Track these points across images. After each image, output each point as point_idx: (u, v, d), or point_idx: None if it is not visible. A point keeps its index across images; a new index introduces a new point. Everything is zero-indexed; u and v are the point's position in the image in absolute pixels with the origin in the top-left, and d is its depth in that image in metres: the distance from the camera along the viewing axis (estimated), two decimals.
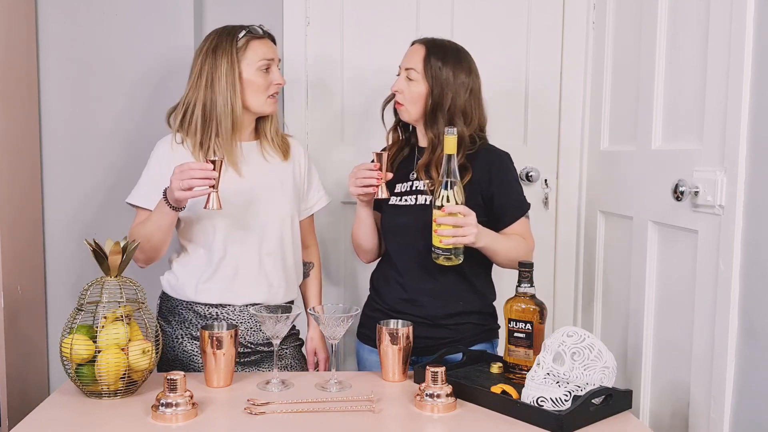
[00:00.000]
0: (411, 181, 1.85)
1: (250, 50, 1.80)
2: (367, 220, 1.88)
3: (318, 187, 2.01)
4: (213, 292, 1.81)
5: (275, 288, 1.85)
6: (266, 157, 1.88)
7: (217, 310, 1.82)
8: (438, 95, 1.79)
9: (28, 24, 2.18)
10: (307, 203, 1.99)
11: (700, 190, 1.62)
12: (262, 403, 1.48)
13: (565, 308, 2.44)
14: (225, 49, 1.78)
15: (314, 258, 2.05)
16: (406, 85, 1.81)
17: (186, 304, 1.84)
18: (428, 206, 1.78)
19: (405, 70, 1.82)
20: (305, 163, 1.97)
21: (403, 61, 1.85)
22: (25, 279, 2.13)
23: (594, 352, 1.44)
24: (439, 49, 1.81)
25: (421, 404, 1.48)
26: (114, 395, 1.53)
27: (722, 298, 1.56)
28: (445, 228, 1.64)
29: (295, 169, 1.93)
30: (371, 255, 1.96)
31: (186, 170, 1.60)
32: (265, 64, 1.81)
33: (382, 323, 1.68)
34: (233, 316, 1.82)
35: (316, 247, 2.06)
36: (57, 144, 2.27)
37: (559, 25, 2.38)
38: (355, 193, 1.79)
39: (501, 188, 1.82)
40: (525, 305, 1.63)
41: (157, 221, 1.72)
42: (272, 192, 1.86)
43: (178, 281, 1.84)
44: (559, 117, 2.40)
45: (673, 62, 1.81)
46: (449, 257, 1.67)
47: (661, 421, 1.84)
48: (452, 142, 1.66)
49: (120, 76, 2.25)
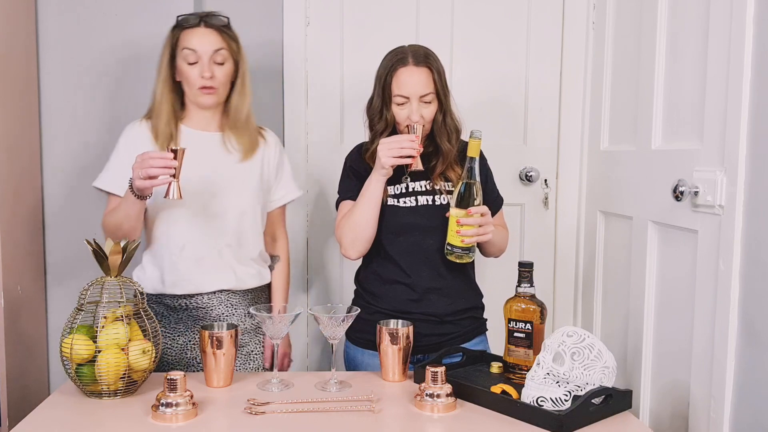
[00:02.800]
0: (405, 183, 1.84)
1: (181, 40, 1.80)
2: (380, 197, 1.80)
3: (288, 179, 1.98)
4: (178, 283, 1.82)
5: (240, 275, 1.86)
6: (228, 148, 1.86)
7: (185, 300, 1.83)
8: (446, 103, 1.82)
9: (28, 24, 2.18)
10: (274, 195, 1.96)
11: (700, 190, 1.62)
12: (262, 403, 1.48)
13: (565, 308, 2.44)
14: (167, 37, 1.82)
15: (282, 251, 2.02)
16: (424, 111, 1.79)
17: (155, 298, 1.85)
18: (432, 206, 1.82)
19: (420, 98, 1.77)
20: (276, 156, 1.95)
21: (407, 90, 1.76)
22: (25, 279, 2.13)
23: (594, 352, 1.44)
24: (433, 62, 1.80)
25: (421, 404, 1.48)
26: (114, 395, 1.53)
27: (722, 298, 1.56)
28: (468, 228, 1.69)
29: (264, 162, 1.91)
30: (369, 244, 1.87)
31: (146, 159, 1.61)
32: (189, 55, 1.77)
33: (382, 323, 1.68)
34: (202, 304, 1.83)
35: (284, 240, 2.04)
36: (57, 144, 2.26)
37: (559, 25, 2.38)
38: (390, 163, 1.72)
39: (487, 183, 1.88)
40: (525, 305, 1.63)
41: (125, 210, 1.73)
42: (230, 184, 1.84)
43: (145, 274, 1.86)
44: (559, 117, 2.40)
45: (673, 62, 1.81)
46: (467, 255, 1.74)
47: (661, 421, 1.84)
48: (478, 145, 1.71)
49: (120, 76, 2.25)
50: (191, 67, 1.78)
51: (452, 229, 1.72)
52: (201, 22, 1.79)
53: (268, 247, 1.99)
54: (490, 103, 2.38)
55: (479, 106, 2.35)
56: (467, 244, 1.71)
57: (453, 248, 1.73)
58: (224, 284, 1.84)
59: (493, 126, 2.35)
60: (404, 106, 1.78)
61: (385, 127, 1.82)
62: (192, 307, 1.84)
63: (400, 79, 1.77)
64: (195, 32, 1.78)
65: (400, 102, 1.78)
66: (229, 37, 1.82)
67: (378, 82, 1.82)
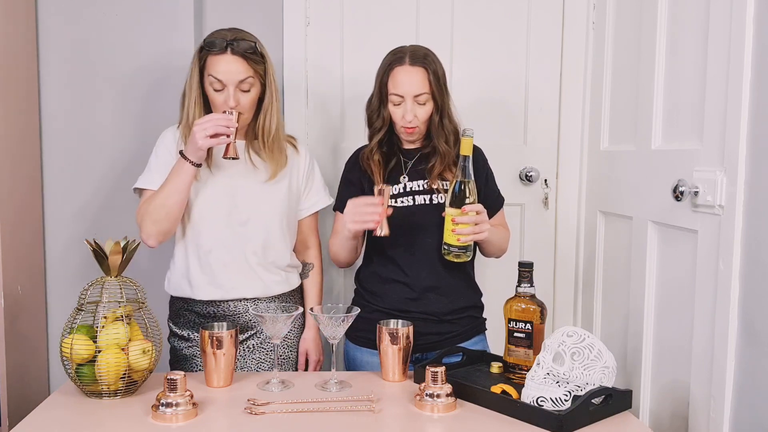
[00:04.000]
0: (402, 183, 1.85)
1: (208, 64, 1.77)
2: (354, 245, 1.86)
3: (319, 188, 2.00)
4: (204, 287, 1.84)
5: (267, 282, 1.89)
6: (253, 162, 1.86)
7: (213, 308, 1.86)
8: (442, 105, 1.82)
9: (28, 24, 2.18)
10: (305, 203, 1.98)
11: (700, 190, 1.62)
12: (263, 403, 1.48)
13: (565, 308, 2.44)
14: (195, 57, 1.81)
15: (314, 259, 2.04)
16: (418, 111, 1.80)
17: (186, 305, 1.88)
18: (429, 205, 1.83)
19: (414, 98, 1.78)
20: (306, 165, 1.96)
21: (402, 89, 1.78)
22: (25, 279, 2.13)
23: (594, 352, 1.44)
24: (430, 63, 1.80)
25: (421, 404, 1.48)
26: (114, 395, 1.53)
27: (722, 298, 1.56)
28: (463, 227, 1.69)
29: (293, 172, 1.93)
30: (350, 264, 1.95)
31: (211, 119, 1.70)
32: (215, 83, 1.76)
33: (382, 323, 1.68)
34: (230, 311, 1.86)
35: (317, 248, 2.05)
36: (57, 144, 2.26)
37: (559, 25, 2.38)
38: (354, 230, 1.73)
39: (487, 183, 1.90)
40: (525, 305, 1.63)
41: (174, 183, 1.74)
42: (256, 195, 1.86)
43: (173, 275, 1.90)
44: (559, 117, 2.40)
45: (673, 62, 1.81)
46: (464, 254, 1.73)
47: (661, 421, 1.84)
48: (470, 143, 1.71)
49: (120, 76, 2.25)
50: (217, 93, 1.78)
51: (448, 228, 1.72)
52: (227, 48, 1.75)
53: (300, 255, 2.01)
54: (490, 103, 2.38)
55: (479, 106, 2.35)
56: (463, 243, 1.71)
57: (450, 247, 1.73)
58: (250, 292, 1.87)
59: (493, 126, 2.35)
60: (400, 106, 1.80)
61: (382, 125, 1.84)
62: (221, 314, 1.86)
63: (396, 79, 1.78)
64: (221, 60, 1.75)
65: (396, 101, 1.80)
66: (255, 62, 1.78)
67: (377, 81, 1.85)
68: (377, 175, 1.84)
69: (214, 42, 1.76)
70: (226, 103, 1.76)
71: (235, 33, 1.79)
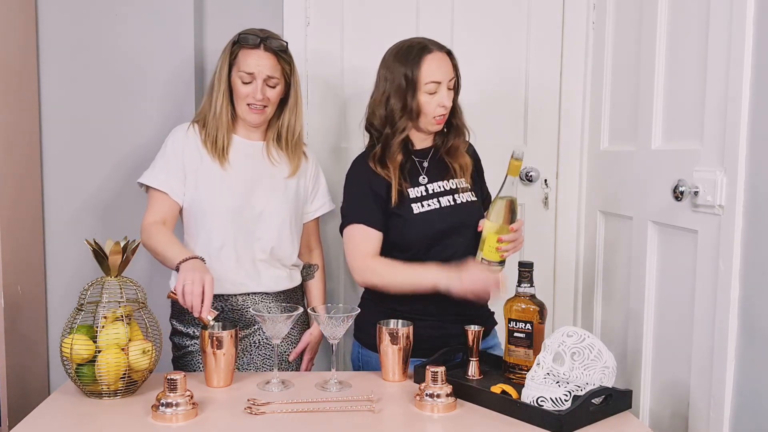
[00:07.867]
0: (423, 185, 1.81)
1: (239, 58, 1.84)
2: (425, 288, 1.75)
3: (324, 193, 2.05)
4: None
5: (275, 278, 1.92)
6: (271, 160, 1.92)
7: (221, 303, 1.86)
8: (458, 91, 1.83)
9: (28, 24, 2.18)
10: (310, 207, 2.02)
11: (700, 190, 1.62)
12: (263, 403, 1.48)
13: (565, 308, 2.44)
14: (225, 52, 1.87)
15: (318, 260, 2.09)
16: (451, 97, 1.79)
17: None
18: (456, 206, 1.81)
19: (448, 83, 1.77)
20: (313, 169, 2.02)
21: (438, 75, 1.74)
22: (25, 279, 2.13)
23: (594, 352, 1.44)
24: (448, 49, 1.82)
25: (421, 404, 1.48)
26: (114, 395, 1.53)
27: (722, 298, 1.56)
28: (506, 244, 1.70)
29: (302, 175, 1.97)
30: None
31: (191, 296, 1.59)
32: (245, 76, 1.83)
33: (382, 323, 1.68)
34: (237, 306, 1.88)
35: (320, 250, 2.10)
36: (57, 144, 2.26)
37: (559, 25, 2.38)
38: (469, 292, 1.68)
39: (483, 182, 1.93)
40: (525, 305, 1.63)
41: (164, 256, 1.75)
42: (271, 193, 1.90)
43: None
44: (559, 117, 2.40)
45: (673, 62, 1.81)
46: (501, 267, 1.73)
47: (661, 421, 1.84)
48: (519, 166, 1.70)
49: (120, 76, 2.25)
50: (245, 86, 1.84)
51: (490, 245, 1.70)
52: (261, 44, 1.83)
53: (304, 257, 2.05)
54: (490, 103, 2.38)
55: (479, 106, 2.35)
56: (504, 258, 1.72)
57: (490, 263, 1.71)
58: (258, 287, 1.90)
59: (493, 126, 2.35)
60: (435, 95, 1.75)
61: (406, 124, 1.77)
62: (227, 309, 1.88)
63: (432, 65, 1.75)
64: (253, 54, 1.83)
65: (432, 90, 1.75)
66: (285, 60, 1.87)
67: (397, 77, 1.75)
68: (396, 179, 1.77)
69: (248, 37, 1.84)
70: (253, 95, 1.83)
71: (268, 33, 1.87)
